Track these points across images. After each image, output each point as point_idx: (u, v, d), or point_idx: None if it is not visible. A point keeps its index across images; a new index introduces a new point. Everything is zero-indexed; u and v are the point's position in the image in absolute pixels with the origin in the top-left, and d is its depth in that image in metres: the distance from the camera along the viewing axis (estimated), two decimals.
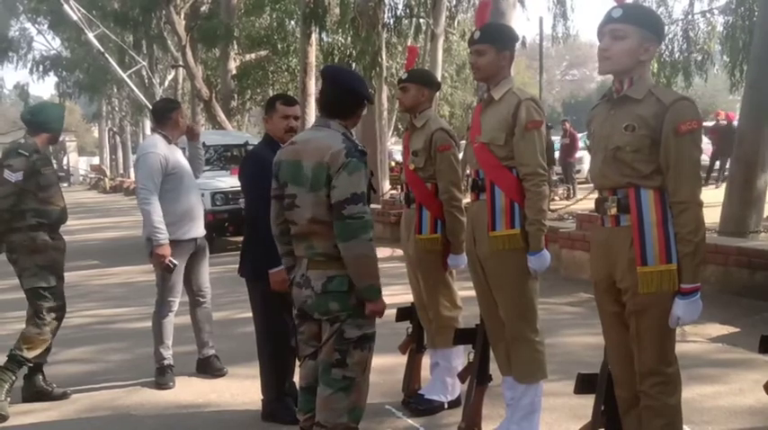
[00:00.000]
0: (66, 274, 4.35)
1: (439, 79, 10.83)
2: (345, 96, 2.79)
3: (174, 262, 4.32)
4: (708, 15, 14.42)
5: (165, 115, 4.47)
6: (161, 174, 4.29)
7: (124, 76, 18.84)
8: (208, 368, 4.57)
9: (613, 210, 2.43)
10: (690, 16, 14.38)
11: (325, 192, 2.66)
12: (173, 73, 25.38)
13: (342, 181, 2.63)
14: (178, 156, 4.43)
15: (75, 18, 17.78)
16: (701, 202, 2.36)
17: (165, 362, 4.42)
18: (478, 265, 3.19)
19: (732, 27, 13.05)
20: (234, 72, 19.16)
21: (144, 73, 23.03)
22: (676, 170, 2.33)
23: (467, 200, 3.52)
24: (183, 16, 18.42)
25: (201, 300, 4.59)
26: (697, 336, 4.96)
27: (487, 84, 3.17)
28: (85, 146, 52.94)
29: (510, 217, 3.06)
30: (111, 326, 6.18)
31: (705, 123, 19.08)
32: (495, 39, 3.11)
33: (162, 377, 4.39)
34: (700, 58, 14.16)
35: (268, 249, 3.49)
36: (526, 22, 66.56)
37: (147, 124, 30.91)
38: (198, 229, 4.48)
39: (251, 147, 9.54)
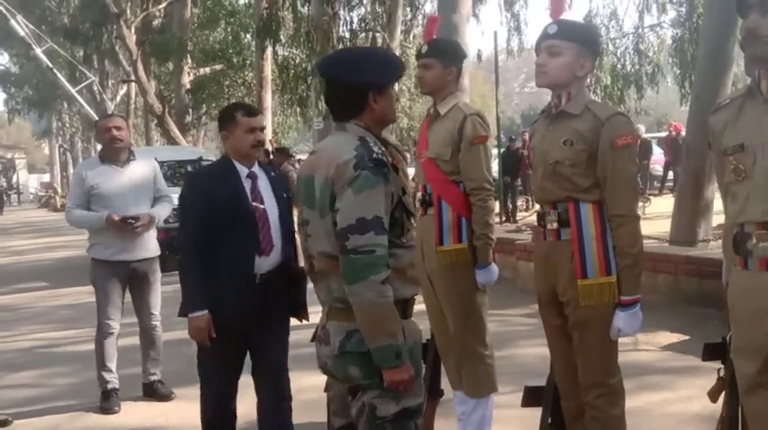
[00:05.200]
0: (10, 297, 4.20)
1: (396, 92, 10.80)
2: (341, 94, 2.14)
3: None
4: (657, 29, 14.80)
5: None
6: (81, 191, 4.27)
7: (74, 91, 18.51)
8: (153, 393, 4.43)
9: (554, 224, 2.46)
10: (640, 30, 14.73)
11: (332, 217, 2.04)
12: (125, 88, 24.99)
13: (346, 202, 1.99)
14: (107, 177, 4.24)
15: (22, 34, 17.38)
16: (638, 216, 2.41)
17: (109, 385, 4.28)
18: (428, 280, 3.18)
19: (680, 40, 13.40)
20: (188, 86, 18.98)
21: (95, 88, 22.63)
22: (613, 184, 2.37)
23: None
24: (133, 30, 18.17)
25: (147, 326, 4.44)
26: (648, 345, 5.02)
27: (433, 98, 3.17)
28: (35, 163, 51.82)
29: (457, 231, 3.06)
30: (57, 349, 5.99)
31: (659, 134, 19.55)
32: (441, 54, 3.11)
33: (107, 401, 4.25)
34: (651, 70, 14.50)
35: (188, 287, 2.96)
36: (481, 35, 67.49)
37: None
38: (133, 253, 4.26)
39: (205, 163, 9.42)
